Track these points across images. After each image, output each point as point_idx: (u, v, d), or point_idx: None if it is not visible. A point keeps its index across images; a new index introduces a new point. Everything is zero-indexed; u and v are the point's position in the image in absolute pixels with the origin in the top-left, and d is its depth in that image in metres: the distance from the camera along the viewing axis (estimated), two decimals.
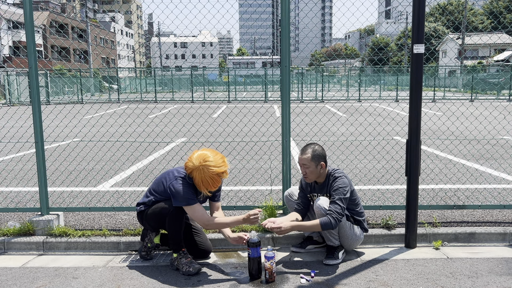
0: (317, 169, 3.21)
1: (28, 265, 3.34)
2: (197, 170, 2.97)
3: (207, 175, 2.96)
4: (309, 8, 5.76)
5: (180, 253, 3.10)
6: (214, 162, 2.98)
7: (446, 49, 49.44)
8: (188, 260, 3.07)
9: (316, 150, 3.21)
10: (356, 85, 30.97)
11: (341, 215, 3.07)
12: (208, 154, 3.02)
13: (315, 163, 3.19)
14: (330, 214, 3.06)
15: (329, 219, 3.05)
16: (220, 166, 2.99)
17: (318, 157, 3.20)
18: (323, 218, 3.06)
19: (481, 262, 3.25)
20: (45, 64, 40.59)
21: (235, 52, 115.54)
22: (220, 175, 3.01)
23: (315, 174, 3.23)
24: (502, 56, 43.41)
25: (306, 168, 3.21)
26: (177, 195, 3.00)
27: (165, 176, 3.17)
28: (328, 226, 3.05)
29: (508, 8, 49.81)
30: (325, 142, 8.26)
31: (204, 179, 2.98)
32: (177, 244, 3.10)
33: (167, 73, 42.05)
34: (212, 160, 2.98)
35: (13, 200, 4.79)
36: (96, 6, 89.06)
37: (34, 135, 3.73)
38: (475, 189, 5.07)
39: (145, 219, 3.21)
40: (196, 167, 2.97)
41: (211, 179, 2.98)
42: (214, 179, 2.99)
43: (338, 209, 3.06)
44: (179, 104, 21.98)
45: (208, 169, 2.96)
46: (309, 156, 3.19)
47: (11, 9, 40.38)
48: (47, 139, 5.50)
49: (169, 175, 3.14)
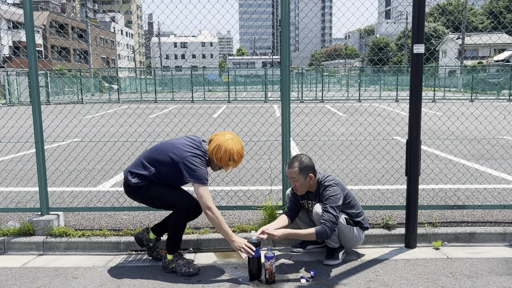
0: (306, 181, 3.15)
1: (28, 265, 3.34)
2: (222, 136, 3.02)
3: (225, 146, 2.98)
4: (309, 8, 5.76)
5: (176, 254, 3.04)
6: (237, 147, 3.02)
7: (446, 49, 49.44)
8: (185, 261, 3.03)
9: (303, 162, 3.14)
10: (356, 85, 30.96)
11: (335, 223, 3.03)
12: (239, 141, 3.07)
13: (304, 175, 3.13)
14: (324, 224, 3.02)
15: (324, 228, 3.01)
16: (237, 153, 3.01)
17: (306, 169, 3.13)
18: (318, 228, 3.03)
19: (481, 262, 3.25)
20: (45, 64, 40.60)
21: (235, 52, 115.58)
22: (231, 157, 3.00)
23: (305, 187, 3.19)
24: (502, 56, 43.42)
25: (295, 181, 3.16)
26: (194, 172, 2.91)
27: (172, 148, 3.00)
28: (323, 235, 3.02)
29: (508, 8, 49.80)
30: (325, 142, 8.26)
31: (220, 147, 2.98)
32: (176, 245, 3.05)
33: (167, 73, 42.05)
34: (237, 144, 3.03)
35: (13, 200, 4.79)
36: (96, 6, 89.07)
37: (34, 135, 3.73)
38: (475, 189, 5.07)
39: (142, 196, 3.03)
40: (224, 134, 3.04)
41: (224, 152, 2.97)
42: (226, 154, 2.98)
43: (332, 218, 3.02)
44: (179, 104, 21.98)
45: (229, 143, 2.99)
46: (296, 170, 3.12)
47: (11, 9, 40.36)
48: (47, 139, 5.51)
49: (179, 147, 2.99)
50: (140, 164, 3.03)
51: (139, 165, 3.03)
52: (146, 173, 2.99)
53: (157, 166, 2.98)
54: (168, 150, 3.00)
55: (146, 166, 3.00)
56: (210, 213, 2.93)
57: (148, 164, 3.00)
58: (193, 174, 2.91)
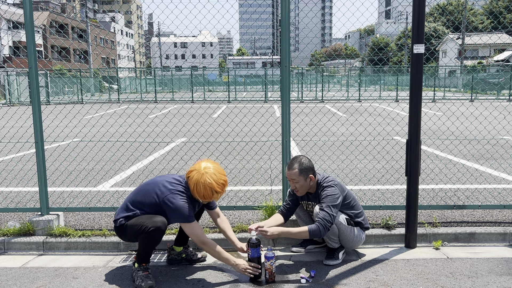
0: (306, 182, 3.16)
1: (28, 265, 3.34)
2: (197, 172, 2.90)
3: (203, 182, 2.87)
4: (309, 8, 5.76)
5: (141, 266, 2.97)
6: (216, 177, 2.90)
7: (446, 49, 49.44)
8: (145, 274, 2.92)
9: (303, 163, 3.14)
10: (356, 85, 30.96)
11: (329, 222, 3.02)
12: (218, 168, 2.95)
13: (304, 176, 3.13)
14: (318, 222, 3.01)
15: (318, 226, 3.00)
16: (218, 184, 2.90)
17: (306, 170, 3.13)
18: (312, 226, 3.03)
19: (481, 262, 3.25)
20: (45, 64, 40.60)
21: (235, 52, 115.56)
22: (212, 191, 2.90)
23: (305, 188, 3.19)
24: (502, 56, 43.41)
25: (296, 183, 3.15)
26: (176, 211, 2.88)
27: (154, 188, 2.98)
28: (316, 233, 3.01)
29: (508, 8, 49.81)
30: (325, 142, 8.26)
31: (198, 185, 2.88)
32: (143, 258, 2.97)
33: (167, 73, 42.04)
34: (216, 174, 2.91)
35: (13, 200, 4.79)
36: (96, 6, 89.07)
37: (34, 135, 3.73)
38: (475, 189, 5.07)
39: (125, 232, 3.00)
40: (199, 169, 2.92)
41: (204, 188, 2.87)
42: (206, 190, 2.88)
43: (327, 216, 3.02)
44: (179, 104, 21.98)
45: (206, 177, 2.87)
46: (296, 171, 3.12)
47: (11, 9, 40.36)
48: (47, 139, 5.51)
49: (161, 187, 2.96)
50: (124, 208, 3.03)
51: (124, 208, 3.03)
52: (131, 214, 2.97)
53: (141, 208, 2.97)
54: (151, 191, 2.98)
55: (130, 208, 2.99)
56: (205, 247, 2.97)
57: (132, 206, 2.99)
58: (176, 213, 2.89)
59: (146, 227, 2.85)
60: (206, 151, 7.56)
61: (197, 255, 3.36)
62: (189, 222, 2.91)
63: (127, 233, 2.98)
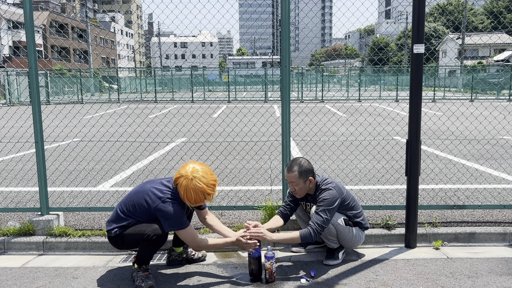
0: (306, 185, 3.14)
1: (28, 265, 3.34)
2: (185, 178, 2.83)
3: (193, 187, 2.81)
4: (309, 8, 5.76)
5: (140, 267, 2.97)
6: (206, 179, 2.85)
7: (446, 49, 49.43)
8: (145, 274, 2.93)
9: (303, 165, 3.12)
10: (356, 85, 30.97)
11: (321, 226, 3.01)
12: (205, 170, 2.90)
13: (303, 179, 3.12)
14: (310, 226, 3.01)
15: (309, 231, 2.99)
16: (209, 186, 2.85)
17: (305, 173, 3.11)
18: (303, 230, 3.02)
19: (481, 262, 3.25)
20: (45, 64, 40.59)
21: (235, 52, 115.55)
22: (204, 194, 2.85)
23: (304, 190, 3.18)
24: (502, 56, 43.42)
25: (295, 185, 3.14)
26: (169, 218, 2.85)
27: (144, 195, 2.93)
28: (307, 238, 3.00)
29: (508, 8, 49.79)
30: (325, 142, 8.26)
31: (188, 190, 2.82)
32: (143, 261, 2.97)
33: (167, 73, 42.04)
34: (205, 176, 2.86)
35: (13, 200, 4.79)
36: (96, 6, 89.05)
37: (34, 135, 3.73)
38: (475, 189, 5.07)
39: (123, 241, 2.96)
40: (186, 175, 2.84)
41: (195, 193, 2.81)
42: (197, 194, 2.82)
43: (320, 220, 3.01)
44: (179, 104, 21.98)
45: (196, 182, 2.81)
46: (296, 174, 3.10)
47: (11, 9, 40.35)
48: (47, 139, 5.50)
49: (150, 195, 2.91)
50: (116, 217, 2.98)
51: (115, 217, 2.98)
52: (125, 223, 2.94)
53: (134, 217, 2.93)
54: (141, 199, 2.93)
55: (123, 217, 2.95)
56: (201, 246, 3.00)
57: (124, 215, 2.95)
58: (169, 222, 2.87)
59: (149, 235, 2.85)
60: (206, 151, 7.56)
61: (197, 255, 3.36)
62: (183, 228, 2.91)
63: (126, 242, 2.96)
